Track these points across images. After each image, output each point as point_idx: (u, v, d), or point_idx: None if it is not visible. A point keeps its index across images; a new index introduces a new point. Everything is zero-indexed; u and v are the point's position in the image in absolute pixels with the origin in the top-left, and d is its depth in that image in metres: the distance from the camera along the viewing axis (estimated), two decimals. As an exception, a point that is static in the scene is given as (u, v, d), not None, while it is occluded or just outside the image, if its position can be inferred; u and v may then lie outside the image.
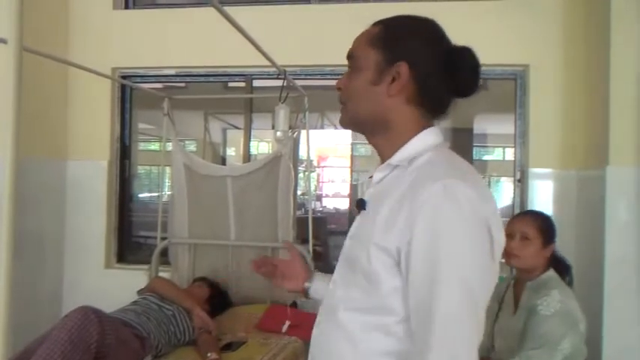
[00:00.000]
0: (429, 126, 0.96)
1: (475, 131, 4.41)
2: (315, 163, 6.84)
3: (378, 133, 0.99)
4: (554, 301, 1.66)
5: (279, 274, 1.19)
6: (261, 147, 5.15)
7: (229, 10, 3.04)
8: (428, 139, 0.95)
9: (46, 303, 3.15)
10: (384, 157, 0.99)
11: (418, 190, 0.84)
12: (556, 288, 1.71)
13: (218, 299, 2.75)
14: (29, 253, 3.00)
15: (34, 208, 3.03)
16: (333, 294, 0.99)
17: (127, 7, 3.38)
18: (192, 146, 5.22)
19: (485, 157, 5.42)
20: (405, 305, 0.86)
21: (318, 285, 1.15)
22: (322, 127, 4.23)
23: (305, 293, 1.17)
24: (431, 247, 0.82)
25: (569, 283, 1.82)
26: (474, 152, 4.75)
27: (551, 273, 1.77)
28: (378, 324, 0.89)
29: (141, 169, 4.22)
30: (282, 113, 2.57)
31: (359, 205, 0.99)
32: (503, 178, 4.85)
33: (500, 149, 5.51)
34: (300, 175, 3.50)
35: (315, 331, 1.03)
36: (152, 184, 4.42)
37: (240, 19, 2.64)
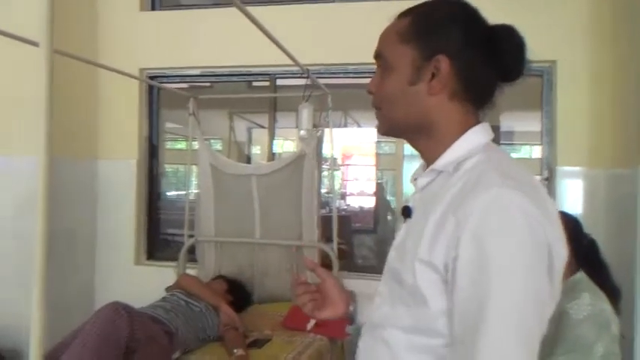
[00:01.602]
0: (475, 123, 0.88)
1: (502, 129, 4.35)
2: (339, 162, 6.84)
3: (422, 137, 0.90)
4: (584, 304, 1.61)
5: (316, 305, 1.04)
6: (287, 145, 5.17)
7: (253, 9, 3.07)
8: (474, 139, 0.86)
9: (78, 298, 3.24)
10: (429, 160, 0.90)
11: (466, 200, 0.76)
12: (586, 291, 1.66)
13: (237, 295, 2.78)
14: (62, 251, 3.09)
15: (67, 207, 3.12)
16: (378, 308, 0.92)
17: (153, 8, 3.45)
18: (218, 145, 5.29)
19: (513, 155, 5.33)
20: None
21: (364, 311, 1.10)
22: (346, 126, 4.22)
23: (350, 318, 1.09)
24: (477, 267, 0.72)
25: (617, 303, 1.75)
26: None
27: (580, 275, 1.72)
28: (425, 345, 0.81)
29: (169, 168, 4.30)
30: (306, 112, 2.58)
31: (404, 212, 0.93)
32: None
33: (528, 147, 5.42)
34: (325, 173, 3.51)
35: (360, 344, 0.97)
36: (180, 183, 4.50)
37: (263, 19, 2.66)
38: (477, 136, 0.87)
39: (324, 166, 3.28)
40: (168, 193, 4.26)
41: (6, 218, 2.93)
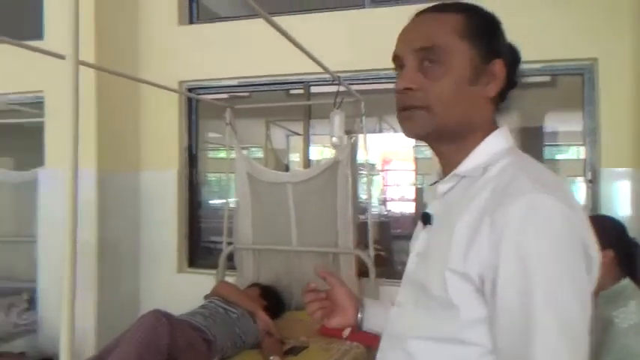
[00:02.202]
0: (494, 128, 0.87)
1: (545, 129, 4.22)
2: (379, 167, 6.81)
3: (453, 141, 0.86)
4: (631, 312, 1.54)
5: (325, 312, 1.04)
6: (326, 152, 5.20)
7: (286, 19, 3.14)
8: (497, 144, 0.85)
9: (124, 305, 3.36)
10: (450, 164, 0.87)
11: (500, 208, 0.74)
12: (633, 298, 1.58)
13: (270, 300, 2.81)
14: (109, 259, 3.22)
15: (113, 217, 3.25)
16: (398, 318, 0.90)
17: (191, 22, 3.55)
18: (258, 153, 5.38)
19: (559, 157, 5.16)
20: (488, 337, 0.76)
21: (371, 313, 1.05)
22: (381, 131, 4.21)
23: (357, 326, 1.05)
24: (521, 276, 0.71)
25: None
26: (546, 151, 4.56)
27: (626, 282, 1.64)
28: (454, 355, 0.79)
29: (211, 177, 4.40)
30: (337, 119, 2.59)
31: (424, 219, 0.90)
32: (578, 178, 4.61)
33: (575, 147, 5.23)
34: (364, 179, 3.50)
35: (379, 356, 0.94)
36: (222, 191, 4.60)
37: (296, 27, 2.69)
38: (499, 140, 0.85)
39: (362, 172, 3.27)
40: (210, 202, 4.36)
41: (58, 228, 3.08)
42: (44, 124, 3.22)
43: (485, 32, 0.85)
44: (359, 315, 1.05)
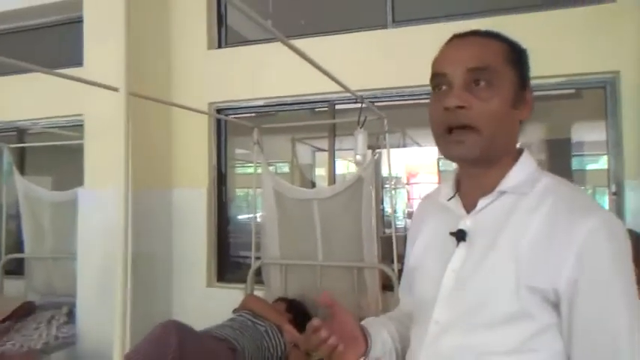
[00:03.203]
0: (518, 149, 0.94)
1: (573, 140, 4.22)
2: (404, 181, 6.85)
3: (493, 161, 0.90)
4: None
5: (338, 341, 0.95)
6: (351, 166, 5.27)
7: (312, 41, 3.27)
8: (532, 163, 0.92)
9: (157, 317, 3.45)
10: (481, 184, 0.91)
11: (572, 224, 0.79)
12: None
13: (295, 312, 2.87)
14: (143, 274, 3.34)
15: (146, 233, 3.38)
16: (444, 337, 0.89)
17: (219, 46, 3.70)
18: (285, 168, 5.49)
19: (589, 167, 5.11)
20: (556, 340, 0.81)
21: (376, 340, 1.02)
22: (404, 146, 4.27)
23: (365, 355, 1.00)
24: (602, 292, 0.78)
25: None
26: (574, 162, 4.53)
27: None
28: None
29: (240, 192, 4.51)
30: (361, 137, 2.67)
31: (459, 236, 0.91)
32: (603, 189, 4.55)
33: (605, 157, 5.17)
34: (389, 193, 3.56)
35: None
36: (251, 207, 4.68)
37: (321, 49, 2.80)
38: (531, 160, 0.93)
39: (386, 187, 3.33)
40: (239, 217, 4.47)
41: (97, 245, 3.22)
42: (83, 146, 3.38)
43: (523, 62, 0.92)
44: (369, 342, 1.01)
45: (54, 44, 4.15)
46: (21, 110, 3.92)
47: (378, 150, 2.99)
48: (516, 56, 0.91)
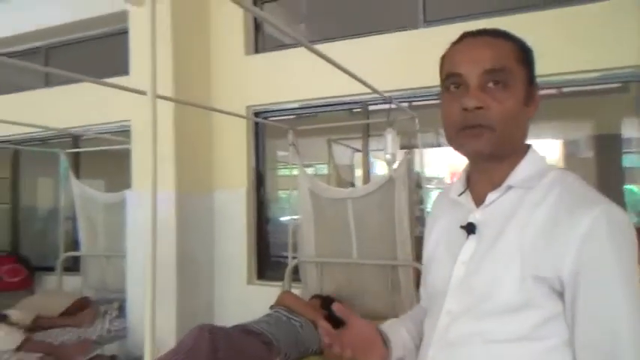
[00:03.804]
0: (527, 144, 0.97)
1: (624, 136, 4.06)
2: (447, 180, 6.76)
3: (504, 157, 0.93)
4: None
5: (353, 352, 1.00)
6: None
7: (343, 43, 3.32)
8: (541, 158, 0.95)
9: (201, 313, 3.63)
10: (491, 179, 0.94)
11: (575, 216, 0.81)
12: None
13: (331, 310, 2.93)
14: (187, 271, 3.51)
15: (190, 234, 3.55)
16: (453, 326, 0.92)
17: (256, 51, 3.83)
18: (324, 170, 5.54)
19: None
20: (562, 329, 0.83)
21: (395, 342, 1.05)
22: (439, 145, 4.24)
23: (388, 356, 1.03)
24: (604, 282, 0.80)
25: None
26: (626, 159, 4.36)
27: None
28: (530, 352, 0.84)
29: (283, 194, 4.62)
30: (390, 137, 2.71)
31: (469, 228, 0.94)
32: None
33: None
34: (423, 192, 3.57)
35: None
36: (292, 207, 4.77)
37: (353, 50, 2.85)
38: (538, 155, 0.95)
39: (429, 186, 3.34)
40: (282, 218, 4.57)
41: (142, 242, 3.41)
42: (130, 150, 3.58)
43: (531, 60, 0.94)
44: (388, 346, 1.03)
45: (103, 54, 4.40)
46: (75, 118, 4.18)
47: (410, 150, 3.01)
48: (525, 55, 0.93)
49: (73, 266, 4.35)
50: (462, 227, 0.95)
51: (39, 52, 4.77)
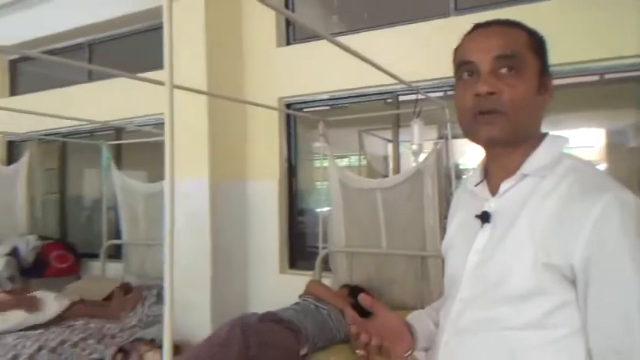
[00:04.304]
0: (542, 133, 0.97)
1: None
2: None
3: (518, 144, 0.94)
4: None
5: (380, 341, 0.98)
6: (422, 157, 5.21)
7: (373, 33, 3.31)
8: (557, 146, 0.94)
9: (234, 300, 3.73)
10: (505, 167, 0.95)
11: (586, 203, 0.82)
12: None
13: (357, 299, 2.94)
14: (221, 260, 3.61)
15: (224, 223, 3.64)
16: (466, 313, 0.95)
17: (288, 43, 3.86)
18: (357, 161, 5.53)
19: None
20: (575, 317, 0.84)
21: (420, 332, 1.06)
22: (469, 136, 4.16)
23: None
24: (616, 268, 0.80)
25: None
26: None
27: None
28: (542, 339, 0.85)
29: (320, 185, 4.64)
30: (416, 127, 2.69)
31: (483, 217, 0.95)
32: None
33: None
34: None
35: (443, 352, 0.98)
36: (320, 198, 4.80)
37: (384, 40, 2.83)
38: (556, 143, 0.95)
39: (465, 176, 3.30)
40: (318, 210, 4.58)
41: (178, 231, 3.53)
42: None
43: (545, 50, 0.95)
44: (414, 336, 1.05)
45: (144, 49, 4.53)
46: (117, 110, 4.34)
47: (439, 140, 2.97)
48: (537, 44, 0.94)
49: (115, 253, 4.54)
50: (476, 216, 0.97)
51: (82, 48, 4.97)
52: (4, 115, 4.45)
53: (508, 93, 0.88)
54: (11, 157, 5.44)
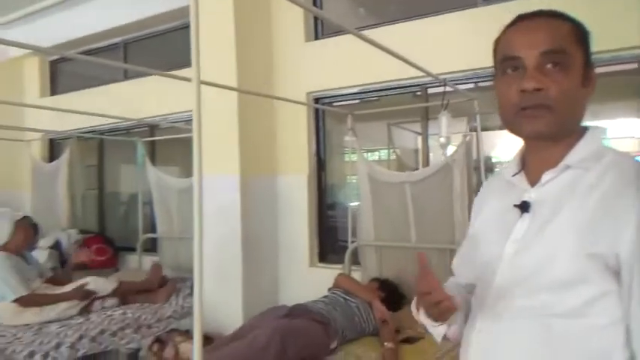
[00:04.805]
0: (584, 126, 0.98)
1: None
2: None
3: (562, 138, 0.94)
4: None
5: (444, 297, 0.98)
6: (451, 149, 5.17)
7: (401, 26, 3.29)
8: (598, 139, 0.96)
9: (265, 292, 3.78)
10: (546, 159, 0.96)
11: (632, 196, 0.83)
12: None
13: (388, 292, 2.95)
14: (252, 253, 3.67)
15: (254, 217, 3.70)
16: (500, 301, 0.96)
17: (316, 38, 3.88)
18: (390, 155, 5.52)
19: None
20: (617, 307, 0.85)
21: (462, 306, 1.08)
22: (501, 128, 4.07)
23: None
24: None
25: None
26: None
27: None
28: (579, 328, 0.87)
29: (351, 179, 4.65)
30: (444, 120, 2.67)
31: (523, 207, 0.96)
32: None
33: None
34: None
35: (476, 337, 1.00)
36: (349, 191, 4.81)
37: (412, 32, 2.81)
38: (599, 136, 0.97)
39: (497, 169, 3.26)
40: (348, 204, 4.58)
41: (210, 225, 3.60)
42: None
43: (588, 42, 0.95)
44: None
45: (177, 47, 4.63)
46: (152, 108, 4.45)
47: (468, 133, 2.94)
48: (582, 35, 0.94)
49: (151, 247, 4.68)
50: (515, 206, 0.97)
51: (118, 48, 5.12)
52: (46, 114, 4.66)
53: (554, 89, 0.89)
54: (53, 155, 5.67)
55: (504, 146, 4.91)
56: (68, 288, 3.46)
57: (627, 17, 2.55)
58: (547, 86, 0.88)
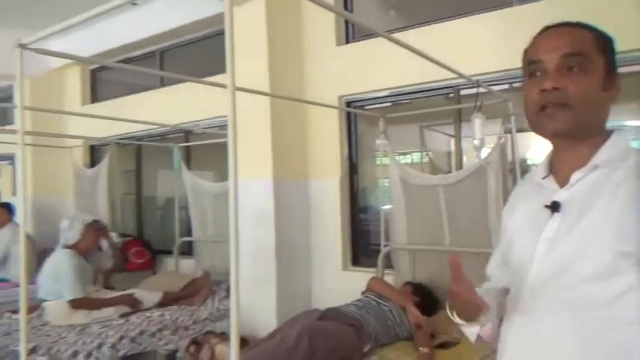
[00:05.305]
0: (610, 129, 1.02)
1: None
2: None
3: (586, 138, 0.99)
4: None
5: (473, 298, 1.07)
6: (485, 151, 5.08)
7: (433, 27, 3.27)
8: (625, 140, 1.01)
9: (299, 296, 3.81)
10: (572, 160, 1.00)
11: None
12: None
13: (422, 296, 2.93)
14: (285, 257, 3.71)
15: (287, 221, 3.73)
16: (534, 297, 1.00)
17: (347, 42, 3.89)
18: (423, 158, 5.47)
19: None
20: None
21: (493, 307, 1.12)
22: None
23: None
24: None
25: None
26: None
27: None
28: (614, 321, 0.90)
29: (384, 182, 4.63)
30: (477, 122, 2.64)
31: (554, 207, 1.00)
32: None
33: None
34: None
35: (518, 333, 1.03)
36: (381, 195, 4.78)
37: (445, 33, 2.79)
38: (625, 137, 1.02)
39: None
40: (380, 207, 4.57)
41: (245, 229, 3.65)
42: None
43: (612, 49, 1.01)
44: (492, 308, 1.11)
45: (212, 53, 4.72)
46: (187, 114, 4.55)
47: (503, 135, 2.89)
48: (604, 44, 1.00)
49: (187, 250, 4.77)
50: (546, 206, 1.01)
51: (154, 56, 5.26)
52: (86, 121, 4.82)
53: (573, 89, 0.94)
54: (93, 161, 5.86)
55: (540, 148, 4.80)
56: (116, 294, 3.59)
57: (628, 17, 2.47)
58: (565, 86, 0.95)
